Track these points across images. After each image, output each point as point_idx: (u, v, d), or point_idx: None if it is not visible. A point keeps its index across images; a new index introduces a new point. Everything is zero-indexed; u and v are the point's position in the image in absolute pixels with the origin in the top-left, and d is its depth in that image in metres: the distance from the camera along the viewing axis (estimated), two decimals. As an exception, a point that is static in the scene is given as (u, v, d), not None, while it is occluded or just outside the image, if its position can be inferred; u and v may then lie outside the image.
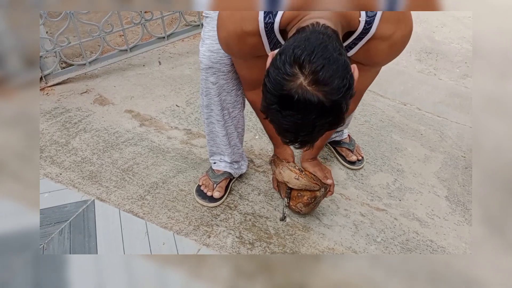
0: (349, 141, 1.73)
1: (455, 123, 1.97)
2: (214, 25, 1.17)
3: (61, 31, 1.96)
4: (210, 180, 1.51)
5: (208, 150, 1.51)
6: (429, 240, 1.42)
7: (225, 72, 1.24)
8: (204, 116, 1.39)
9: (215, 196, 1.49)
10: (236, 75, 1.28)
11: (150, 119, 1.91)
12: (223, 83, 1.27)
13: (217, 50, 1.19)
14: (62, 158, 1.66)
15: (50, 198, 1.48)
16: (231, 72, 1.25)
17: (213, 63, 1.22)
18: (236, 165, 1.52)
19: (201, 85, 1.31)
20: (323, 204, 1.52)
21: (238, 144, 1.47)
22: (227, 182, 1.54)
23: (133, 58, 2.34)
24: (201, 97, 1.35)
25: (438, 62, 2.52)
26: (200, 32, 2.53)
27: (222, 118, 1.36)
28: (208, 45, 1.20)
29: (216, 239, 1.37)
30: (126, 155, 1.69)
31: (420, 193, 1.60)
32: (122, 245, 1.33)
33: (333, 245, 1.38)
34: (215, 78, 1.25)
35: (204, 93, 1.31)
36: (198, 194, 1.51)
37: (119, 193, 1.52)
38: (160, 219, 1.43)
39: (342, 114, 0.80)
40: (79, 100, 2.01)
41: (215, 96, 1.30)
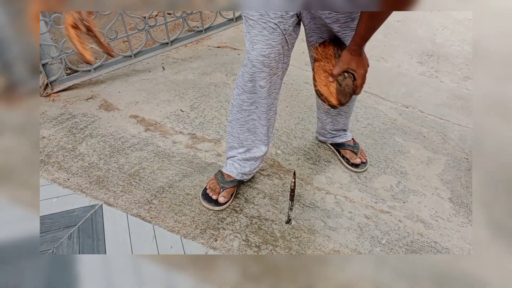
0: (353, 144, 1.75)
1: (458, 125, 1.99)
2: (261, 28, 1.23)
3: (66, 38, 1.98)
4: (218, 184, 1.53)
5: (228, 146, 1.53)
6: (433, 242, 1.43)
7: (272, 75, 1.31)
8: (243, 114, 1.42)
9: (220, 201, 1.50)
10: (278, 79, 1.35)
11: (155, 124, 1.93)
12: (269, 86, 1.33)
13: (268, 55, 1.25)
14: (69, 163, 1.68)
15: (58, 203, 1.49)
16: (275, 75, 1.32)
17: (265, 67, 1.27)
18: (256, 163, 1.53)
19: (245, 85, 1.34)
20: (328, 206, 1.54)
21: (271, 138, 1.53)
22: (234, 190, 1.55)
23: (137, 64, 2.37)
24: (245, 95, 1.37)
25: (440, 64, 2.54)
26: (203, 37, 2.57)
27: (265, 118, 1.42)
28: (259, 49, 1.25)
29: (223, 242, 1.39)
30: (132, 160, 1.71)
31: (424, 195, 1.61)
32: (130, 248, 1.35)
33: (338, 247, 1.40)
34: (264, 82, 1.31)
35: (252, 91, 1.35)
36: (204, 197, 1.53)
37: (126, 197, 1.54)
38: (167, 223, 1.44)
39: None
40: (84, 106, 2.03)
41: (262, 99, 1.36)
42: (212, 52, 2.56)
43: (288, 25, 1.24)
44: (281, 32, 1.23)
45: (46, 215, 1.44)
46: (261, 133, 1.47)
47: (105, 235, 1.39)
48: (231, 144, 1.51)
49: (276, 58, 1.27)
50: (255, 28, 1.24)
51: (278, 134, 1.89)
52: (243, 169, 1.52)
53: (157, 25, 2.25)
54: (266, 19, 1.21)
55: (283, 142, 1.85)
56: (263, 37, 1.23)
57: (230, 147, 1.52)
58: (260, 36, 1.24)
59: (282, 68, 1.33)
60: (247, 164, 1.52)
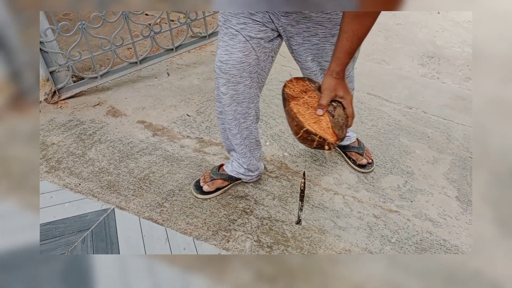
0: (358, 145, 1.77)
1: (461, 125, 2.02)
2: (223, 34, 1.22)
3: (73, 46, 2.01)
4: (209, 175, 1.59)
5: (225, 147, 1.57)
6: (442, 240, 1.45)
7: (235, 83, 1.26)
8: (218, 121, 1.46)
9: (204, 189, 1.56)
10: (246, 88, 1.29)
11: (162, 129, 1.95)
12: (233, 94, 1.29)
13: (226, 61, 1.22)
14: (80, 168, 1.70)
15: (70, 207, 1.51)
16: (241, 84, 1.27)
17: (224, 74, 1.24)
18: (248, 171, 1.56)
19: (215, 91, 1.36)
20: (337, 207, 1.56)
21: (247, 154, 1.49)
22: (223, 184, 1.58)
23: (142, 70, 2.39)
24: (216, 104, 1.40)
25: (441, 66, 2.57)
26: (206, 43, 2.60)
27: (235, 127, 1.40)
28: (219, 55, 1.24)
29: (235, 243, 1.40)
30: (141, 164, 1.73)
31: (431, 194, 1.63)
32: (144, 250, 1.36)
33: (349, 246, 1.42)
34: (225, 88, 1.28)
35: (217, 100, 1.37)
36: (194, 183, 1.60)
37: (137, 201, 1.55)
38: (179, 225, 1.46)
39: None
40: (92, 112, 2.05)
41: (226, 106, 1.33)
42: (215, 58, 2.59)
43: (254, 33, 1.19)
44: (245, 39, 1.19)
45: (59, 220, 1.46)
46: (235, 145, 1.45)
47: (118, 238, 1.40)
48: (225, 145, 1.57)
49: (236, 65, 1.21)
50: (220, 33, 1.24)
51: (284, 137, 1.91)
52: (238, 169, 1.56)
53: (162, 31, 2.28)
54: (228, 25, 1.20)
55: (290, 144, 1.87)
56: (223, 43, 1.22)
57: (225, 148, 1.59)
58: (221, 42, 1.23)
59: (250, 78, 1.26)
60: (241, 167, 1.56)
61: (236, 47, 1.20)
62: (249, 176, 1.58)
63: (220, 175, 1.58)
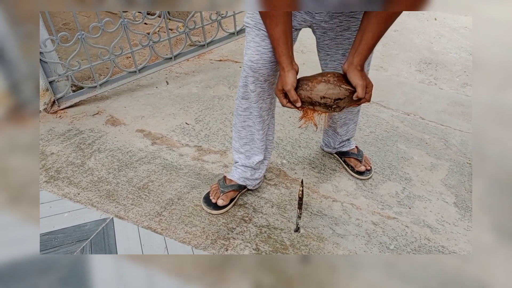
0: (357, 152, 1.78)
1: (459, 131, 2.03)
2: (254, 35, 1.28)
3: (73, 55, 2.02)
4: (219, 189, 1.57)
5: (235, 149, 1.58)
6: (440, 246, 1.46)
7: (262, 81, 1.33)
8: (239, 119, 1.48)
9: (218, 203, 1.55)
10: (272, 85, 1.38)
11: (161, 138, 1.96)
12: (259, 91, 1.36)
13: (257, 61, 1.29)
14: (79, 178, 1.70)
15: (69, 217, 1.52)
16: (268, 82, 1.35)
17: (254, 72, 1.31)
18: (257, 172, 1.58)
19: (239, 90, 1.41)
20: (335, 214, 1.56)
21: (263, 150, 1.55)
22: (235, 194, 1.59)
23: (141, 79, 2.41)
24: (239, 101, 1.44)
25: (438, 72, 2.59)
26: (205, 52, 2.62)
27: (259, 123, 1.45)
28: (249, 55, 1.30)
29: (234, 252, 1.41)
30: (140, 173, 1.74)
31: (429, 200, 1.64)
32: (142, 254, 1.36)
33: (348, 253, 1.42)
34: (253, 86, 1.35)
35: (243, 97, 1.41)
36: (204, 200, 1.58)
37: (136, 210, 1.56)
38: (178, 234, 1.46)
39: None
40: (91, 122, 2.07)
41: (253, 103, 1.40)
42: (214, 66, 2.61)
43: None
44: None
45: (59, 230, 1.46)
46: (257, 140, 1.51)
47: (117, 248, 1.40)
48: (234, 147, 1.58)
49: (266, 64, 1.29)
50: (250, 34, 1.30)
51: (282, 144, 1.92)
52: (244, 173, 1.56)
53: (161, 40, 2.29)
54: (259, 27, 1.27)
55: (288, 152, 1.88)
56: (254, 44, 1.29)
57: (234, 150, 1.59)
58: (252, 42, 1.30)
59: (274, 76, 1.36)
60: (248, 170, 1.56)
61: (267, 47, 1.27)
62: (255, 182, 1.60)
63: (230, 186, 1.57)
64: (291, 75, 1.20)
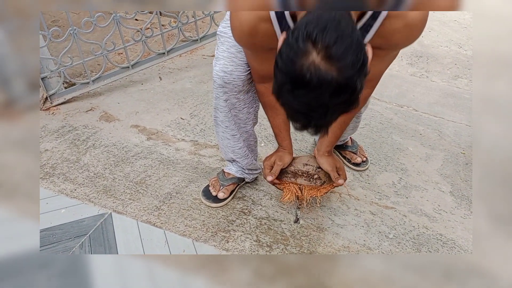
0: (351, 144, 1.79)
1: (452, 122, 2.05)
2: (228, 45, 1.22)
3: (65, 51, 2.00)
4: (219, 182, 1.57)
5: (223, 156, 1.56)
6: (438, 234, 1.47)
7: (236, 92, 1.27)
8: (217, 129, 1.44)
9: (219, 196, 1.55)
10: (246, 95, 1.31)
11: (156, 133, 1.95)
12: (234, 101, 1.30)
13: (231, 72, 1.22)
14: (75, 174, 1.68)
15: (67, 213, 1.50)
16: (242, 92, 1.29)
17: (226, 83, 1.24)
18: (250, 171, 1.58)
19: (214, 101, 1.34)
20: (334, 205, 1.57)
21: (249, 155, 1.51)
22: (234, 187, 1.59)
23: (134, 75, 2.39)
24: (214, 112, 1.39)
25: (429, 64, 2.61)
26: (197, 47, 2.60)
27: (237, 132, 1.41)
28: (222, 65, 1.23)
29: (235, 244, 1.41)
30: (137, 168, 1.72)
31: (426, 190, 1.66)
32: (143, 254, 1.35)
33: (348, 243, 1.43)
34: (226, 96, 1.28)
35: (218, 109, 1.35)
36: (204, 194, 1.58)
37: (135, 205, 1.54)
38: (178, 228, 1.46)
39: (356, 93, 0.75)
40: (85, 118, 2.04)
41: (227, 113, 1.34)
42: (206, 61, 2.60)
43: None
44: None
45: (56, 226, 1.45)
46: (237, 149, 1.47)
47: (117, 242, 1.39)
48: (221, 154, 1.58)
49: (241, 76, 1.23)
50: (224, 44, 1.24)
51: (279, 138, 1.92)
52: (243, 171, 1.57)
53: (153, 35, 2.28)
54: None
55: (285, 145, 1.88)
56: (229, 54, 1.22)
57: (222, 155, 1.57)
58: (226, 52, 1.23)
59: (250, 85, 1.29)
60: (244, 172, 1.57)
61: (243, 59, 1.21)
62: (252, 174, 1.60)
63: (230, 179, 1.57)
64: (288, 155, 1.39)
